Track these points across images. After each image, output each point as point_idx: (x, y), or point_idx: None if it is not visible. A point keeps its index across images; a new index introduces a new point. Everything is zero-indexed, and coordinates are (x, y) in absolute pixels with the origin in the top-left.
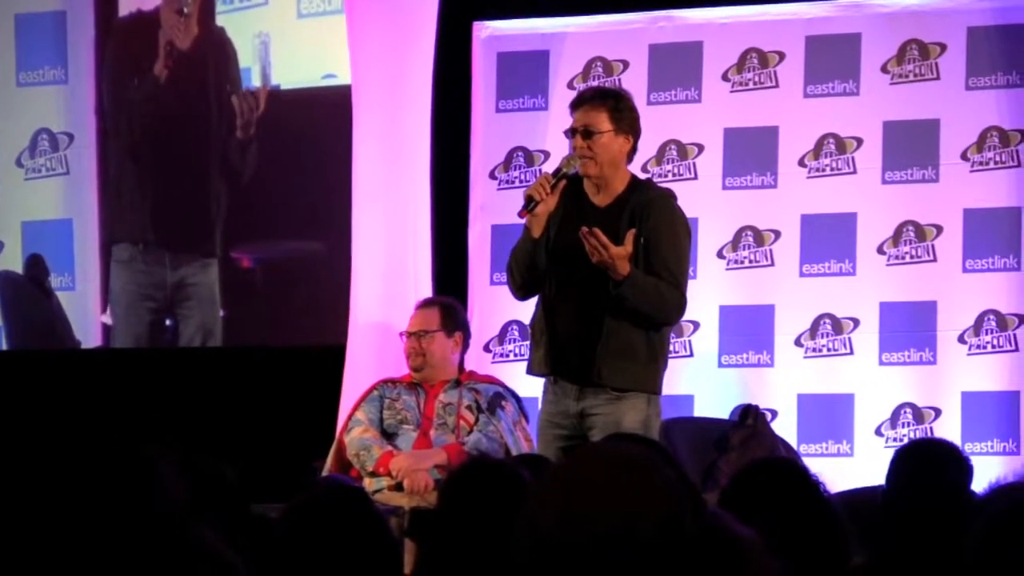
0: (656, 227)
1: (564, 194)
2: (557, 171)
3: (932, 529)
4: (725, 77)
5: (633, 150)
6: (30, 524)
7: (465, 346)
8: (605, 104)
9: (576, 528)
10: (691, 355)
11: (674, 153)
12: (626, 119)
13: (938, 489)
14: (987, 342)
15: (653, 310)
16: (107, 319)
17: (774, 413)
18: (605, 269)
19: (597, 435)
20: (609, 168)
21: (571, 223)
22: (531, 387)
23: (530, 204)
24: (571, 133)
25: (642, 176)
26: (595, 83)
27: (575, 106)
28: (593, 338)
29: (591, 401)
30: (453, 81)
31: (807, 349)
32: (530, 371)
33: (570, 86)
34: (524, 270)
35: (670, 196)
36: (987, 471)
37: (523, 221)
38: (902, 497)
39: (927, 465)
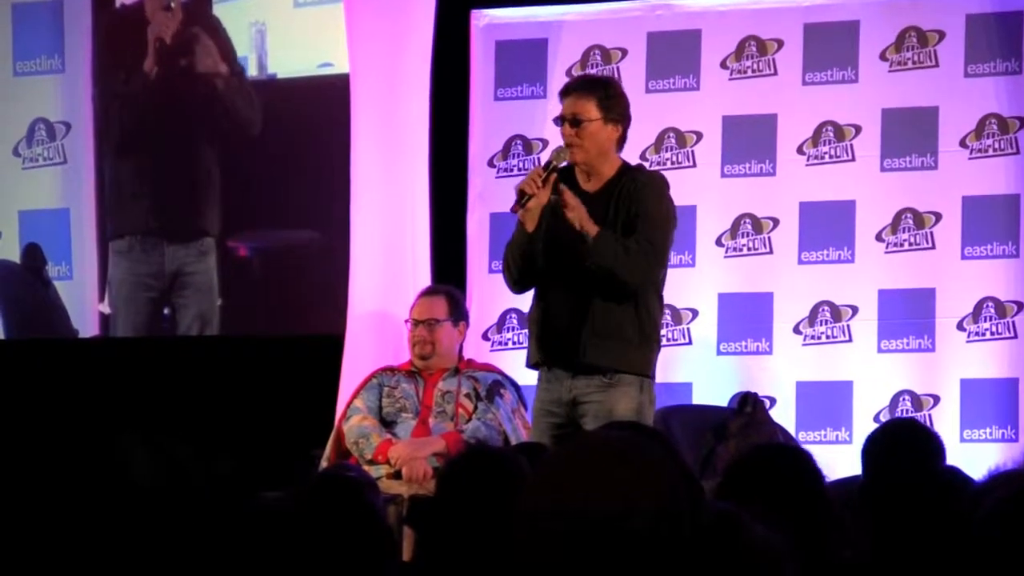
0: (643, 203)
1: (555, 184)
2: (547, 164)
3: (910, 514)
4: (723, 65)
5: (623, 137)
6: (27, 515)
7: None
8: (594, 93)
9: (571, 517)
10: (690, 343)
11: (672, 141)
12: (616, 107)
13: (912, 472)
14: (986, 329)
15: (622, 266)
16: (104, 308)
17: (773, 400)
18: (578, 231)
19: (590, 423)
20: (598, 156)
21: (563, 210)
22: (529, 375)
23: (522, 199)
24: (560, 121)
25: (636, 163)
26: (594, 71)
27: (564, 94)
28: (581, 320)
29: (583, 388)
30: (451, 69)
31: (806, 336)
32: (528, 363)
33: (568, 74)
34: (520, 264)
35: (660, 178)
36: (986, 458)
37: (516, 216)
38: (877, 484)
39: (898, 448)
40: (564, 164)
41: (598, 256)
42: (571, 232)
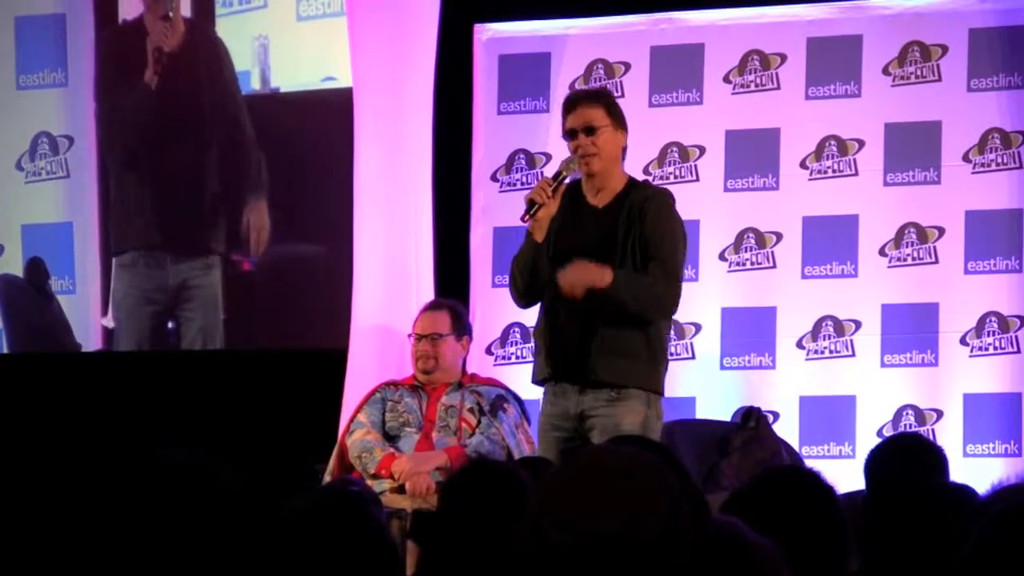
0: (655, 222)
1: (563, 198)
2: (557, 175)
3: (914, 528)
4: (727, 79)
5: (626, 147)
6: (31, 526)
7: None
8: (600, 101)
9: (577, 531)
10: (693, 357)
11: (675, 155)
12: (620, 114)
13: (915, 486)
14: (989, 344)
15: (649, 304)
16: (107, 322)
17: (776, 415)
18: (597, 294)
19: (597, 437)
20: (611, 164)
21: (571, 225)
22: (533, 390)
23: (532, 208)
24: (570, 135)
25: (641, 179)
26: (597, 85)
27: (569, 108)
28: (590, 336)
29: (590, 402)
30: (454, 83)
31: (809, 351)
32: (534, 379)
33: (571, 88)
34: (527, 276)
35: (667, 195)
36: (989, 473)
37: (526, 225)
38: (880, 498)
39: (901, 463)
40: (573, 176)
41: (624, 300)
42: (579, 246)
